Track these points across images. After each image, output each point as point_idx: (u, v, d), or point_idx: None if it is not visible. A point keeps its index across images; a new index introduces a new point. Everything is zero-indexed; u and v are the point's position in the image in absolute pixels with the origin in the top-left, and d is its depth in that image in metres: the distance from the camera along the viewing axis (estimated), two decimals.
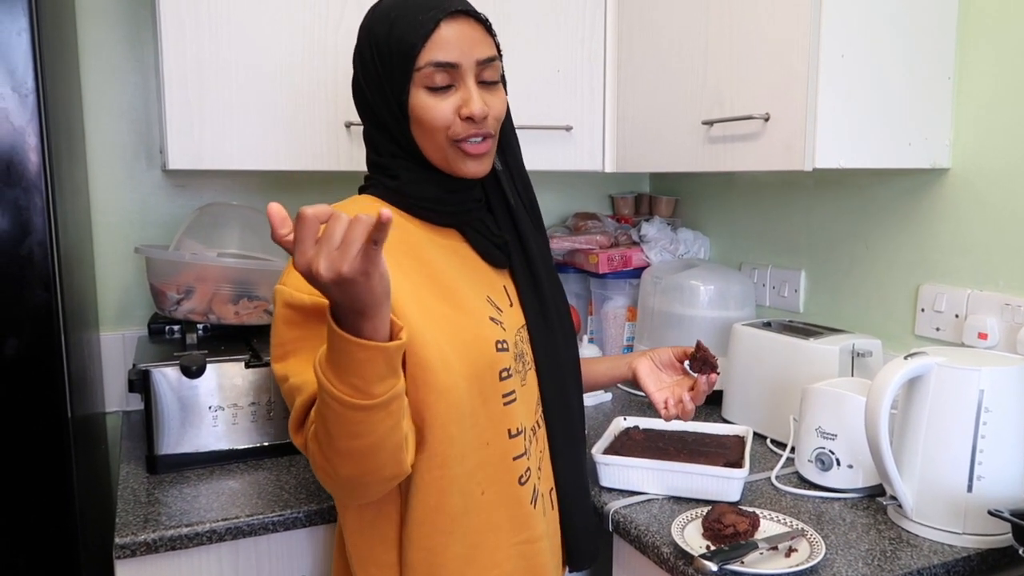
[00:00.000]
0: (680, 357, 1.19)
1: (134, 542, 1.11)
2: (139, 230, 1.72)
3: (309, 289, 0.86)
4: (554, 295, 1.07)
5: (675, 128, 1.51)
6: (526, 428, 0.99)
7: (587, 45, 1.66)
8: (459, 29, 0.92)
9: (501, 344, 0.95)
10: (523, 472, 0.98)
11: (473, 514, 0.94)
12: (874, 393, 1.07)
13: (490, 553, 0.95)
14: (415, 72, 0.92)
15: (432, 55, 0.91)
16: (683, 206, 2.09)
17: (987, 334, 1.32)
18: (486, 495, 0.94)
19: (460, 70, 0.93)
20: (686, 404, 1.13)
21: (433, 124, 0.93)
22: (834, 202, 1.63)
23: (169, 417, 1.32)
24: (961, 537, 1.07)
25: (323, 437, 0.79)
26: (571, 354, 1.09)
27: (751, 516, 1.07)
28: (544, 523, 1.01)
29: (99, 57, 1.65)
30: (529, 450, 0.99)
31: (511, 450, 0.96)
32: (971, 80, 1.34)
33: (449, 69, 0.92)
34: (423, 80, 0.92)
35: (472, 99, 0.93)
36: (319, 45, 1.44)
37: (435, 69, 0.91)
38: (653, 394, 1.17)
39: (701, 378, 1.13)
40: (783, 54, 1.26)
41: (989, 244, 1.34)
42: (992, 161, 1.33)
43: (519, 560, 0.97)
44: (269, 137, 1.43)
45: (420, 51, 0.91)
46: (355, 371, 0.72)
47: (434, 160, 0.96)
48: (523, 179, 1.07)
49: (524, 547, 0.98)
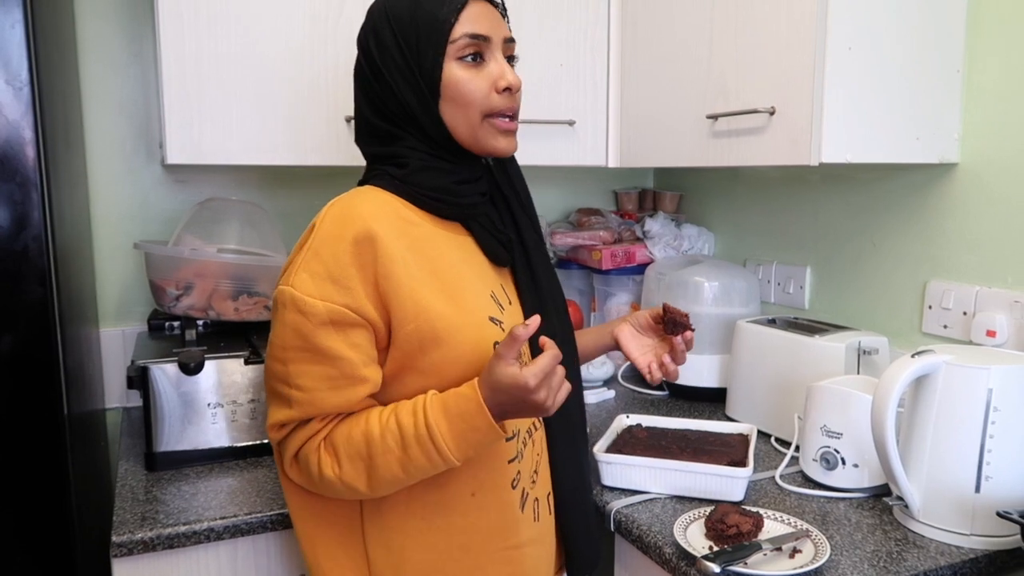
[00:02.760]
0: (656, 318, 1.18)
1: (131, 540, 1.10)
2: (139, 225, 1.71)
3: (322, 294, 0.86)
4: (553, 295, 1.05)
5: (679, 122, 1.49)
6: (520, 431, 0.98)
7: (590, 39, 1.64)
8: (484, 8, 0.95)
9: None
10: (514, 476, 0.96)
11: (460, 515, 0.93)
12: (881, 391, 1.06)
13: (475, 556, 0.94)
14: (449, 45, 0.92)
15: (466, 27, 0.92)
16: (687, 201, 2.07)
17: (996, 332, 1.30)
18: (476, 496, 0.93)
19: (491, 43, 0.94)
20: (668, 366, 1.14)
21: (470, 97, 0.94)
22: (840, 197, 1.62)
23: (168, 414, 1.31)
24: (969, 538, 1.05)
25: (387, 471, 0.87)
26: (570, 354, 1.07)
27: (755, 516, 1.06)
28: (535, 529, 0.99)
29: (98, 50, 1.64)
30: (523, 453, 0.97)
31: (504, 453, 0.95)
32: (980, 73, 1.32)
33: (482, 42, 0.93)
34: (457, 52, 0.93)
35: (507, 71, 0.95)
36: (319, 38, 1.42)
37: (470, 41, 0.93)
38: (637, 359, 1.17)
39: (676, 339, 1.13)
40: (789, 47, 1.24)
41: (998, 240, 1.32)
42: (1001, 156, 1.31)
43: (504, 566, 0.96)
44: (269, 131, 1.42)
45: (455, 24, 0.92)
46: (475, 447, 0.87)
47: (463, 139, 0.95)
48: (519, 176, 1.06)
49: (510, 553, 0.96)
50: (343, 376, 0.87)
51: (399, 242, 0.90)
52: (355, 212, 0.89)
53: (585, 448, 1.09)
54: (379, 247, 0.88)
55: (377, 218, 0.89)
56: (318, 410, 0.88)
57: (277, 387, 0.90)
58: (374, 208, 0.91)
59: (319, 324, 0.86)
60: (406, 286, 0.88)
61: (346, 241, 0.87)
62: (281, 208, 1.78)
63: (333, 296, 0.86)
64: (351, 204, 0.91)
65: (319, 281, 0.86)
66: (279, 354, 0.89)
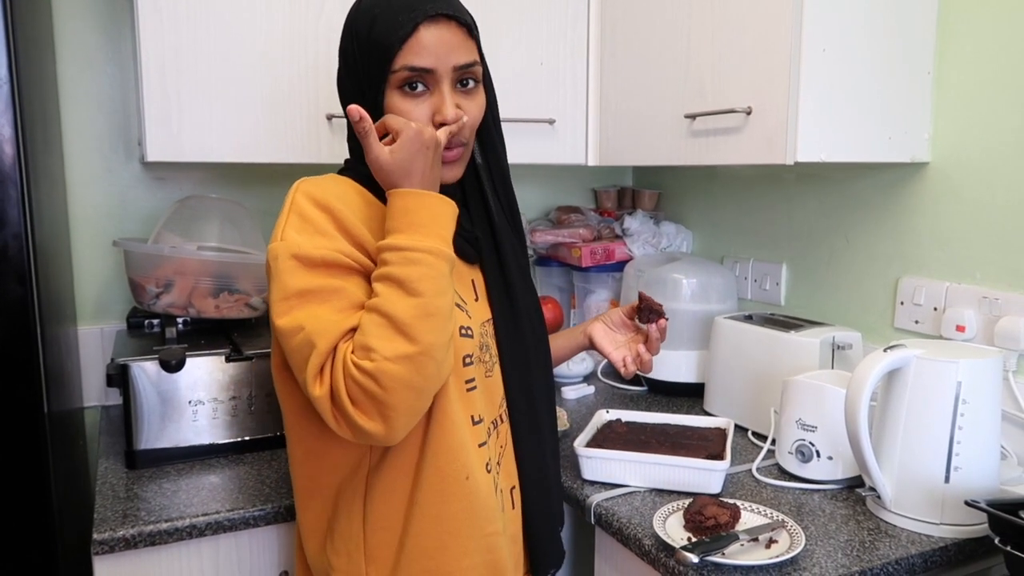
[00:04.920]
0: (629, 314, 1.21)
1: (112, 538, 1.10)
2: (118, 223, 1.70)
3: (313, 244, 0.86)
4: (524, 292, 1.05)
5: (658, 121, 1.51)
6: (485, 419, 0.99)
7: (570, 38, 1.66)
8: (438, 34, 0.91)
9: (465, 330, 0.95)
10: (487, 460, 0.98)
11: (456, 500, 0.94)
12: (854, 385, 1.08)
13: (463, 541, 0.95)
14: (391, 74, 0.91)
15: (407, 59, 0.90)
16: (666, 200, 2.09)
17: (965, 326, 1.33)
18: (470, 480, 0.95)
19: (435, 75, 0.92)
20: (643, 356, 1.17)
21: None
22: (815, 196, 1.64)
23: (148, 412, 1.31)
24: (939, 527, 1.08)
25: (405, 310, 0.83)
26: (540, 352, 1.07)
27: (732, 508, 1.08)
28: (502, 520, 1.00)
29: (75, 47, 1.63)
30: (488, 443, 0.99)
31: (475, 437, 0.97)
32: (950, 75, 1.35)
33: (424, 74, 0.91)
34: (398, 82, 0.92)
35: (446, 106, 0.92)
36: (299, 36, 1.43)
37: (410, 73, 0.91)
38: (611, 354, 1.19)
39: (651, 327, 1.16)
40: (765, 48, 1.26)
41: (967, 237, 1.35)
42: (970, 155, 1.34)
43: (485, 553, 0.97)
44: (249, 129, 1.42)
45: (396, 54, 0.90)
46: (440, 222, 0.85)
47: None
48: (503, 178, 1.06)
49: (491, 539, 0.97)
50: (351, 305, 0.87)
51: (366, 221, 0.92)
52: (324, 187, 0.91)
53: (554, 448, 1.09)
54: (348, 217, 0.90)
55: (342, 198, 0.91)
56: (339, 333, 0.85)
57: (296, 339, 0.86)
58: (340, 191, 0.93)
59: (314, 266, 0.86)
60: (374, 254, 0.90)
61: (321, 207, 0.89)
62: (261, 206, 1.78)
63: (323, 244, 0.87)
64: (319, 181, 0.93)
65: (308, 235, 0.87)
66: (283, 308, 0.86)
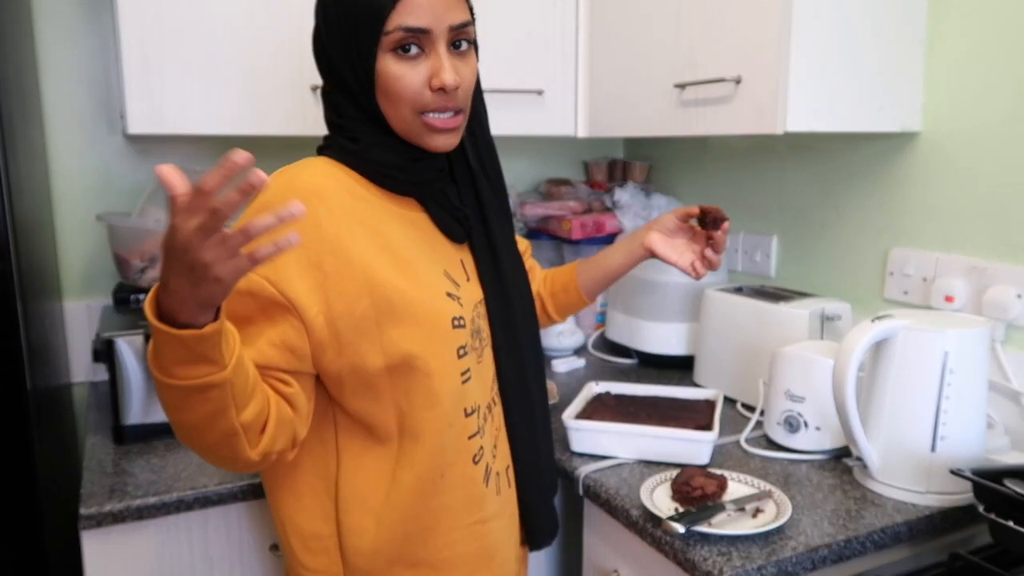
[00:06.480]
0: (683, 218, 1.21)
1: (100, 512, 1.09)
2: (101, 197, 1.67)
3: (275, 278, 0.82)
4: (513, 270, 1.04)
5: (648, 92, 1.50)
6: (480, 407, 0.97)
7: (559, 7, 1.63)
8: None
9: (458, 321, 0.93)
10: (476, 451, 0.96)
11: (432, 496, 0.93)
12: (841, 356, 1.08)
13: (444, 534, 0.95)
14: (383, 36, 0.86)
15: (402, 19, 0.85)
16: (657, 172, 2.08)
17: (954, 297, 1.33)
18: (445, 477, 0.93)
19: (431, 36, 0.86)
20: (711, 258, 1.19)
21: (401, 95, 0.88)
22: (806, 167, 1.63)
23: (135, 387, 1.30)
24: (924, 496, 1.08)
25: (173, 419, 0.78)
26: (530, 331, 1.06)
27: (719, 479, 1.08)
28: (499, 502, 0.99)
29: (55, 20, 1.60)
30: (483, 429, 0.97)
31: (466, 430, 0.95)
32: (942, 44, 1.34)
33: (419, 35, 0.86)
34: (391, 44, 0.87)
35: (444, 68, 0.87)
36: (281, 4, 1.40)
37: (405, 34, 0.85)
38: (676, 261, 1.20)
39: (717, 232, 1.17)
40: (755, 16, 1.25)
41: (957, 208, 1.35)
42: (961, 125, 1.33)
43: (472, 541, 0.96)
44: (232, 100, 1.39)
45: (390, 13, 0.85)
46: (159, 349, 0.72)
47: (399, 132, 0.92)
48: (489, 148, 1.03)
49: (477, 527, 0.97)
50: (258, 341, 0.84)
51: (347, 217, 0.88)
52: (299, 184, 0.86)
53: (545, 423, 1.08)
54: (323, 224, 0.85)
55: (321, 193, 0.87)
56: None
57: None
58: (321, 181, 0.88)
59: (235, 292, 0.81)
60: (357, 260, 0.86)
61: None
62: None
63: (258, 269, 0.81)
64: (297, 175, 0.88)
65: None
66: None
